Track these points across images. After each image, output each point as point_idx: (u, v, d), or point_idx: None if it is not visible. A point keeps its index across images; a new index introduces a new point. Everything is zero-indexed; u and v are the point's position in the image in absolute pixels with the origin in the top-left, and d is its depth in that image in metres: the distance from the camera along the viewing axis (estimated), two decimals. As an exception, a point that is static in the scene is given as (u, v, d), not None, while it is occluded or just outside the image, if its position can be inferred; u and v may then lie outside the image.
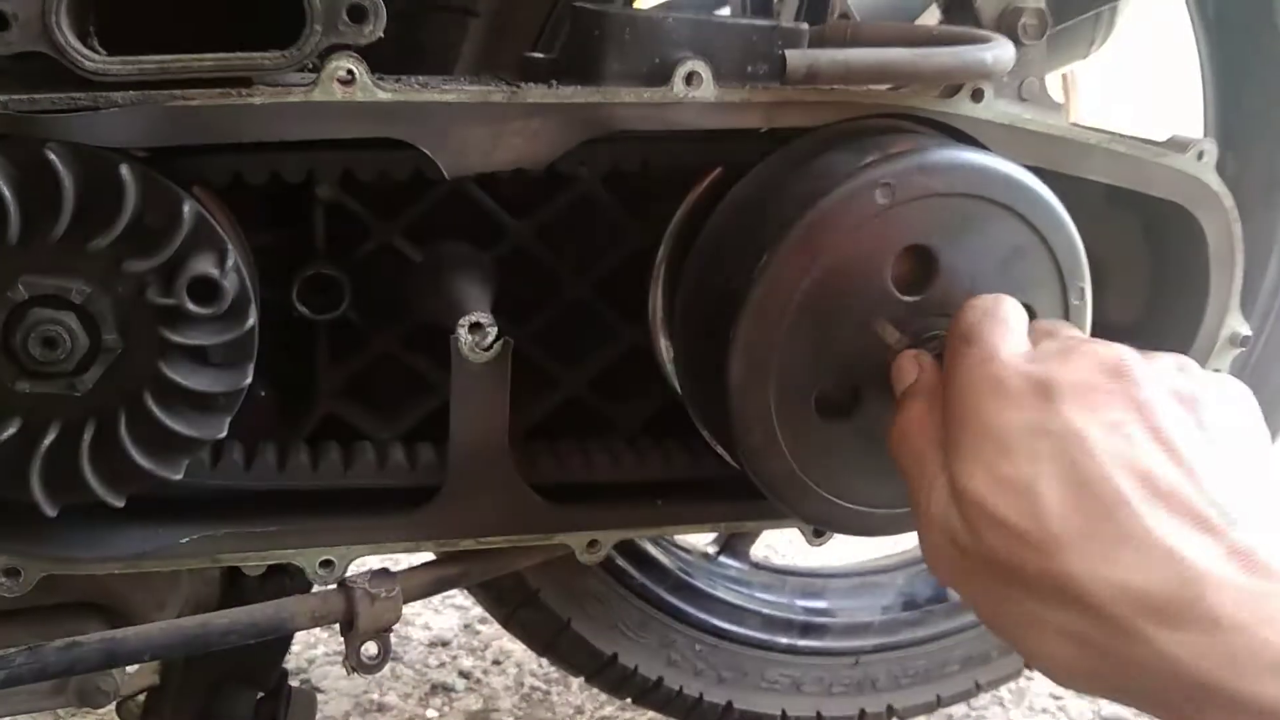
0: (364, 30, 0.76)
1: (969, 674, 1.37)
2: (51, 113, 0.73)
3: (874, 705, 1.35)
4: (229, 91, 0.76)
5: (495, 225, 0.97)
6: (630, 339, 1.02)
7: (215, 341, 0.77)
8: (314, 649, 1.66)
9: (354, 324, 0.97)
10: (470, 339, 0.84)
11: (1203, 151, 0.96)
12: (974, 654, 1.36)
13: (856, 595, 1.38)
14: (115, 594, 0.93)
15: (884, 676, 1.34)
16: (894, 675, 1.35)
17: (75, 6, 0.72)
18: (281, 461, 0.91)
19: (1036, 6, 0.91)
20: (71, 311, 0.74)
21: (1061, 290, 0.87)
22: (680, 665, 1.28)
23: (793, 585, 1.37)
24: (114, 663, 0.84)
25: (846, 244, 0.82)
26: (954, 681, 1.37)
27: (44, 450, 0.76)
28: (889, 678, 1.35)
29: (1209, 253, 0.98)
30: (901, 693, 1.35)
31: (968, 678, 1.37)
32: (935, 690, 1.36)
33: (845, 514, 0.90)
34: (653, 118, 0.84)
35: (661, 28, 0.84)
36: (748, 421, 0.84)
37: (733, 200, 0.90)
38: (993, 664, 1.37)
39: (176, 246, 0.74)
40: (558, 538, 0.94)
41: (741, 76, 0.86)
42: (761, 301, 0.82)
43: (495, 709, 1.57)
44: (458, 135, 0.81)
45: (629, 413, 1.05)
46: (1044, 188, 0.86)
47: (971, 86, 0.89)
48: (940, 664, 1.36)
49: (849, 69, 0.82)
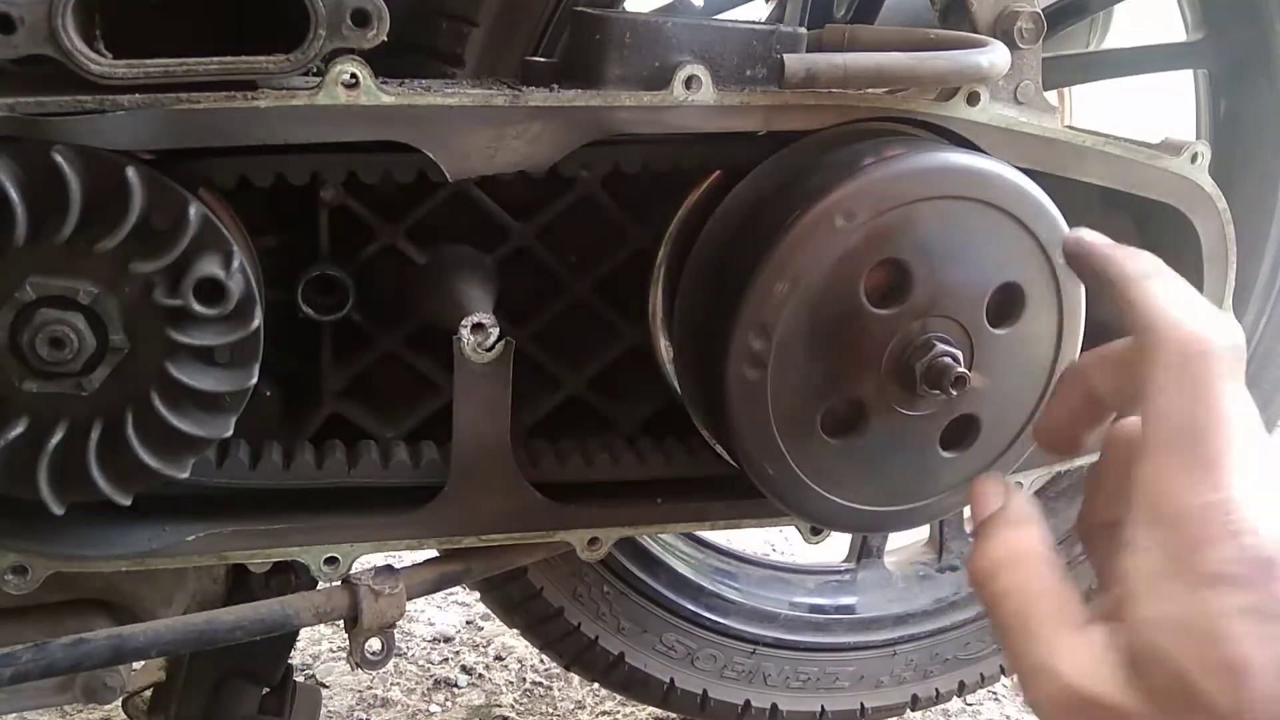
0: (368, 34, 0.77)
1: (856, 693, 1.36)
2: (58, 115, 0.74)
3: (760, 700, 1.34)
4: (234, 95, 0.77)
5: (497, 227, 0.98)
6: (630, 339, 1.03)
7: (221, 342, 0.78)
8: (318, 645, 1.67)
9: (358, 325, 0.98)
10: (473, 339, 0.85)
11: (1196, 154, 0.97)
12: (866, 675, 1.36)
13: (768, 586, 1.37)
14: (122, 591, 0.93)
15: (775, 673, 1.33)
16: (785, 675, 1.34)
17: (81, 10, 0.73)
18: (287, 460, 0.92)
19: (1032, 11, 0.92)
20: (79, 312, 0.75)
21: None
22: (585, 603, 1.25)
23: (710, 559, 1.36)
24: (120, 659, 0.84)
25: (846, 244, 0.83)
26: (840, 697, 1.36)
27: (51, 449, 0.77)
28: (780, 676, 1.34)
29: (1202, 254, 0.99)
30: (788, 694, 1.34)
31: (854, 697, 1.36)
32: (821, 701, 1.35)
33: (843, 512, 0.90)
34: (653, 121, 0.85)
35: (661, 32, 0.85)
36: (746, 421, 0.85)
37: (732, 202, 0.90)
38: (882, 690, 1.37)
39: (183, 248, 0.75)
40: (559, 535, 0.95)
41: (740, 80, 0.87)
42: (760, 301, 0.82)
43: (497, 704, 1.58)
44: (460, 138, 0.82)
45: (629, 412, 1.06)
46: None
47: (967, 90, 0.90)
48: (832, 676, 1.35)
49: (846, 73, 0.83)
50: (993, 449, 0.91)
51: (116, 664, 0.91)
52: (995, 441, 0.91)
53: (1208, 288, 1.01)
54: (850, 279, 0.83)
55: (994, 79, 0.87)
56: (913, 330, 0.84)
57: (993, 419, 0.90)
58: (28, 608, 0.89)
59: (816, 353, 0.84)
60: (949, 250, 0.84)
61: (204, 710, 1.04)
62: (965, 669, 1.40)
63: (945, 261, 0.84)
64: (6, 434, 0.76)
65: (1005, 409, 0.90)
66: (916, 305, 0.84)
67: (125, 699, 1.07)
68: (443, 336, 0.88)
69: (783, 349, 0.83)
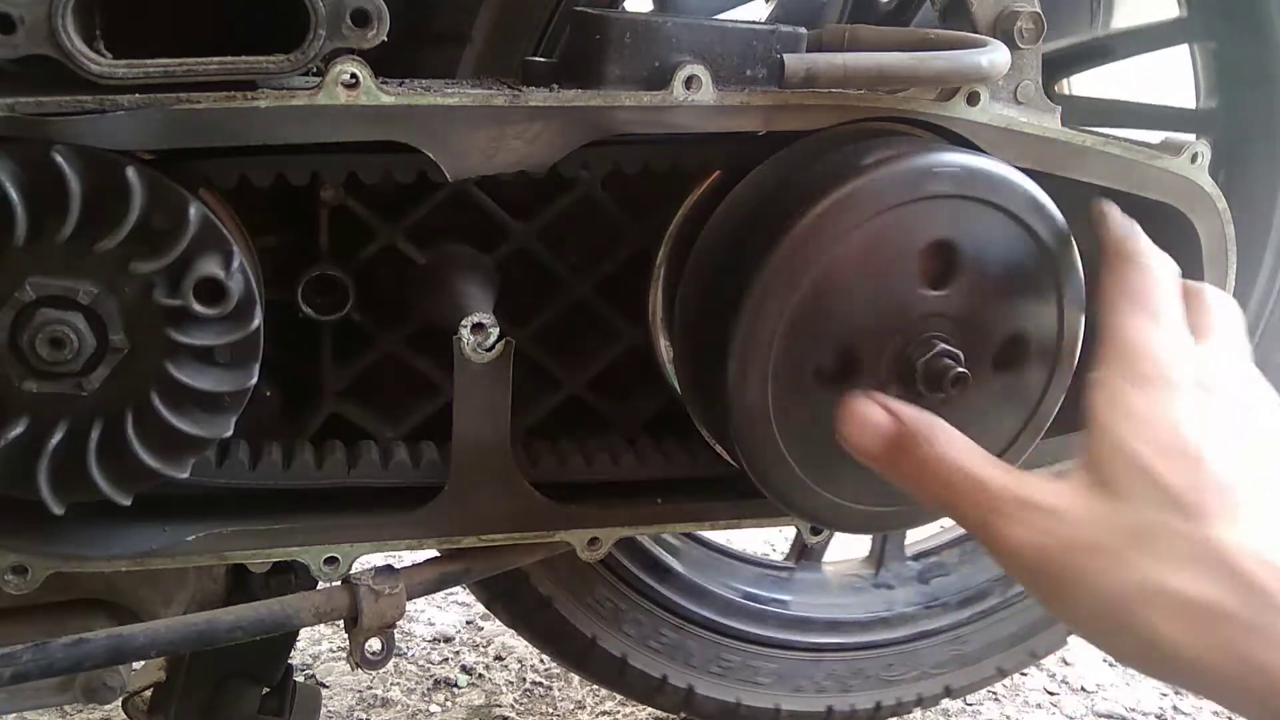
0: (367, 34, 0.77)
1: (774, 693, 1.34)
2: (58, 115, 0.74)
3: (678, 679, 1.31)
4: (234, 95, 0.77)
5: (497, 227, 0.98)
6: (630, 339, 1.03)
7: (221, 342, 0.78)
8: (318, 645, 1.67)
9: (358, 325, 0.98)
10: (473, 339, 0.85)
11: (1196, 154, 0.97)
12: (787, 676, 1.34)
13: (707, 565, 1.34)
14: (122, 591, 0.93)
15: (699, 654, 1.31)
16: (708, 658, 1.31)
17: (81, 10, 0.73)
18: (287, 460, 0.92)
19: (1032, 10, 0.92)
20: (79, 312, 0.75)
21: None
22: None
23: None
24: (121, 659, 0.84)
25: (846, 244, 0.83)
26: (758, 694, 1.34)
27: (51, 449, 0.77)
28: (703, 658, 1.31)
29: (1202, 254, 0.99)
30: (707, 679, 1.32)
31: (771, 696, 1.34)
32: (738, 693, 1.33)
33: (843, 512, 0.90)
34: (653, 121, 0.85)
35: (662, 32, 0.85)
36: (746, 420, 0.85)
37: (732, 202, 0.90)
38: (800, 695, 1.34)
39: (183, 248, 0.75)
40: (559, 535, 0.95)
41: (740, 80, 0.87)
42: (760, 301, 0.82)
43: (497, 704, 1.58)
44: (460, 138, 0.82)
45: (629, 412, 1.06)
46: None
47: (967, 90, 0.90)
48: (753, 669, 1.33)
49: (846, 73, 0.83)
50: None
51: (116, 664, 0.91)
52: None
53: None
54: (851, 278, 0.83)
55: (994, 79, 0.87)
56: (914, 330, 0.84)
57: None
58: (28, 608, 0.89)
59: (819, 350, 0.84)
60: (951, 249, 0.84)
61: (204, 710, 1.04)
62: (884, 690, 1.38)
63: (947, 260, 0.84)
64: (6, 434, 0.76)
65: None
66: (918, 305, 0.84)
67: (125, 699, 1.07)
68: (443, 336, 0.88)
69: (783, 349, 0.83)
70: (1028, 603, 1.39)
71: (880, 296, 0.84)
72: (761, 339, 0.83)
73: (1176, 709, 1.62)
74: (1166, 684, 1.57)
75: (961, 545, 1.43)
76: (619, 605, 1.27)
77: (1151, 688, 1.66)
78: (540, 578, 1.22)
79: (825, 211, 0.82)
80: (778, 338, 0.83)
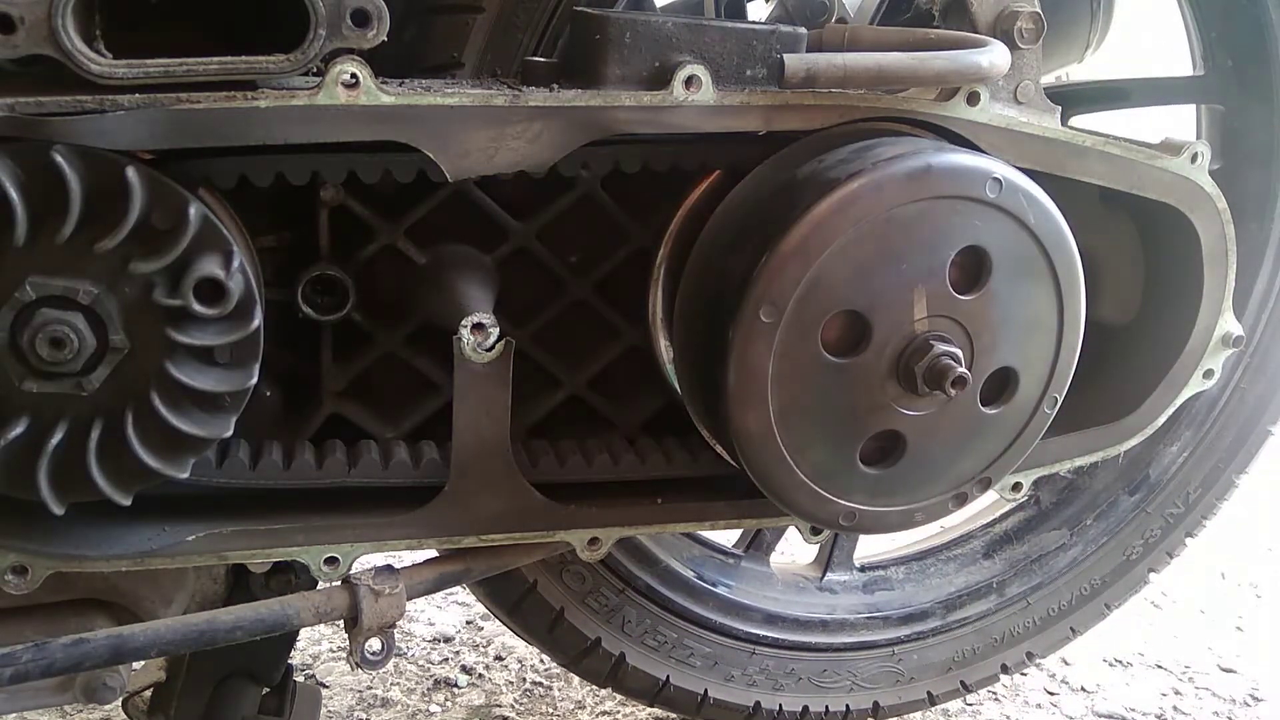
0: (368, 34, 0.77)
1: (704, 677, 1.32)
2: (58, 115, 0.74)
3: (611, 644, 1.27)
4: (234, 95, 0.77)
5: (497, 227, 0.98)
6: (630, 339, 1.03)
7: (221, 342, 0.78)
8: (319, 645, 1.67)
9: (358, 325, 0.98)
10: (473, 339, 0.85)
11: (1196, 154, 0.97)
12: (719, 662, 1.31)
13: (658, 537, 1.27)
14: (122, 591, 0.93)
15: (635, 622, 1.27)
16: (644, 629, 1.28)
17: (81, 10, 0.73)
18: (287, 460, 0.92)
19: (1032, 10, 0.92)
20: (79, 312, 0.75)
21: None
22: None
23: None
24: (121, 659, 0.84)
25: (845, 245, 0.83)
26: (687, 675, 1.31)
27: (51, 449, 0.77)
28: (638, 627, 1.27)
29: (1202, 253, 0.99)
30: (640, 650, 1.28)
31: (701, 680, 1.31)
32: (667, 671, 1.30)
33: (843, 511, 0.90)
34: (653, 121, 0.85)
35: (662, 32, 0.85)
36: (746, 420, 0.85)
37: (732, 202, 0.90)
38: (729, 685, 1.32)
39: (183, 248, 0.75)
40: (559, 535, 0.95)
41: (740, 80, 0.87)
42: (760, 301, 0.82)
43: (497, 704, 1.58)
44: (460, 138, 0.82)
45: (629, 412, 1.06)
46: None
47: (967, 90, 0.90)
48: (687, 650, 1.30)
49: (846, 73, 0.83)
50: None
51: (116, 664, 0.91)
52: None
53: (1207, 288, 1.00)
54: (851, 278, 0.83)
55: (994, 79, 0.88)
56: (914, 330, 0.84)
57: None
58: (28, 608, 0.89)
59: (818, 350, 0.84)
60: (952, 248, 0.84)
61: (204, 710, 1.04)
62: (815, 696, 1.36)
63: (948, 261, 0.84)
64: (6, 434, 0.76)
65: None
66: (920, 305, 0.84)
67: (125, 699, 1.06)
68: (443, 336, 0.88)
69: (784, 349, 0.83)
70: (966, 630, 1.38)
71: (882, 296, 0.84)
72: (762, 339, 0.83)
73: (1177, 709, 1.62)
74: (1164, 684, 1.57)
75: (909, 564, 1.42)
76: (591, 584, 1.23)
77: (1151, 688, 1.66)
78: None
79: (828, 209, 0.81)
80: (778, 337, 0.82)
